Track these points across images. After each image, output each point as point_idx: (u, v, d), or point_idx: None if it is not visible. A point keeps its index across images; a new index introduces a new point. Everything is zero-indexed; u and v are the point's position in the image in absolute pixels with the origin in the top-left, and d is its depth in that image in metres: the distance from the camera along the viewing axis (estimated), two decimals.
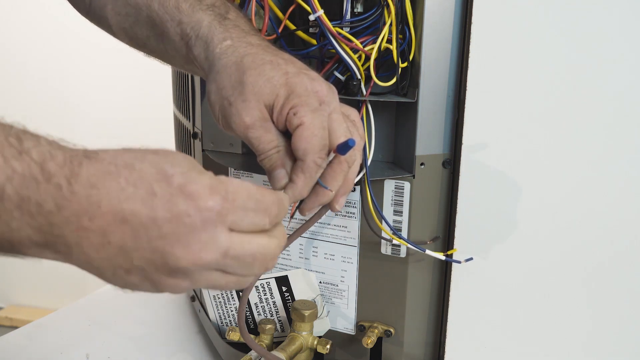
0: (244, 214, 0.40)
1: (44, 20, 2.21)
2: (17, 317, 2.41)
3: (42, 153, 0.35)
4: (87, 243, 0.36)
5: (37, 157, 0.35)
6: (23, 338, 0.84)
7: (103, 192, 0.36)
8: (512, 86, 0.59)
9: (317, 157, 0.49)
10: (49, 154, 0.35)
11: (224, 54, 0.51)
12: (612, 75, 0.57)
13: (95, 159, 0.37)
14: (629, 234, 0.60)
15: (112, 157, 0.37)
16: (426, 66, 0.59)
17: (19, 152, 0.35)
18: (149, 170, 0.37)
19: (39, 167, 0.35)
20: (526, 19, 0.57)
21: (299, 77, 0.50)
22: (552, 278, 0.63)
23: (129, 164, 0.37)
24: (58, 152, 0.36)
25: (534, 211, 0.62)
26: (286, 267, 0.71)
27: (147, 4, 0.56)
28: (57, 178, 0.35)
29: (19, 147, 0.35)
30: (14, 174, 0.34)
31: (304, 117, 0.48)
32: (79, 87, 2.28)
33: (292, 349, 0.65)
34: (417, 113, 0.60)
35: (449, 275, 0.65)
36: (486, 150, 0.61)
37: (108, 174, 0.36)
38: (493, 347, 0.66)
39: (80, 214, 0.35)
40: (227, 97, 0.50)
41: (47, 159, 0.35)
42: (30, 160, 0.35)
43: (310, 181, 0.50)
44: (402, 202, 0.63)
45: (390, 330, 0.67)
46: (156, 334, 0.86)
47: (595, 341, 0.64)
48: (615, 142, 0.58)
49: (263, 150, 0.50)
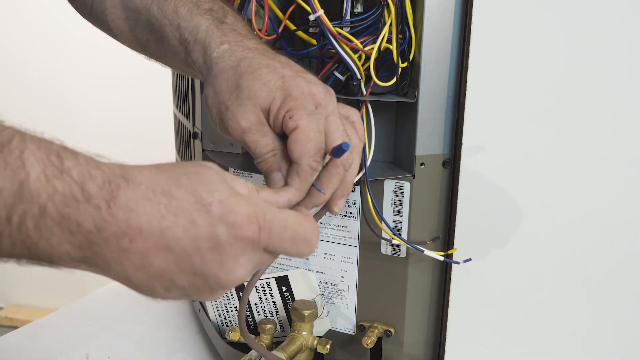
0: (279, 244, 0.43)
1: (44, 20, 2.21)
2: (17, 317, 2.41)
3: (82, 173, 0.36)
4: (128, 263, 0.38)
5: (77, 177, 0.36)
6: (23, 338, 0.84)
7: (143, 218, 0.37)
8: (512, 86, 0.59)
9: (312, 160, 0.49)
10: (88, 174, 0.36)
11: (221, 58, 0.51)
12: (612, 76, 0.57)
13: (132, 182, 0.38)
14: (629, 234, 0.60)
15: (148, 180, 0.39)
16: (426, 66, 0.59)
17: (60, 171, 0.36)
18: (187, 199, 0.39)
19: (79, 187, 0.36)
20: (526, 19, 0.57)
21: (295, 80, 0.50)
22: (552, 278, 0.63)
23: (166, 190, 0.39)
24: (97, 171, 0.37)
25: (534, 211, 0.62)
26: (286, 267, 0.71)
27: (147, 8, 0.56)
28: (97, 200, 0.36)
29: (60, 166, 0.36)
30: (55, 192, 0.35)
31: (300, 121, 0.48)
32: (79, 87, 2.29)
33: (292, 349, 0.65)
34: (417, 113, 0.60)
35: (449, 275, 0.65)
36: (486, 150, 0.61)
37: (146, 199, 0.38)
38: (493, 347, 0.66)
39: (120, 236, 0.37)
40: (224, 101, 0.50)
41: (87, 179, 0.36)
42: (70, 180, 0.36)
43: (305, 184, 0.50)
44: (402, 202, 0.63)
45: (390, 330, 0.67)
46: (156, 334, 0.86)
47: (595, 341, 0.64)
48: (616, 142, 0.58)
49: (259, 154, 0.50)
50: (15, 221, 0.35)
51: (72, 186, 0.36)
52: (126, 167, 0.39)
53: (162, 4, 0.55)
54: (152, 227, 0.38)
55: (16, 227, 0.35)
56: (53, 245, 0.36)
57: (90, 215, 0.36)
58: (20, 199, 0.34)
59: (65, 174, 0.36)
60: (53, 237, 0.36)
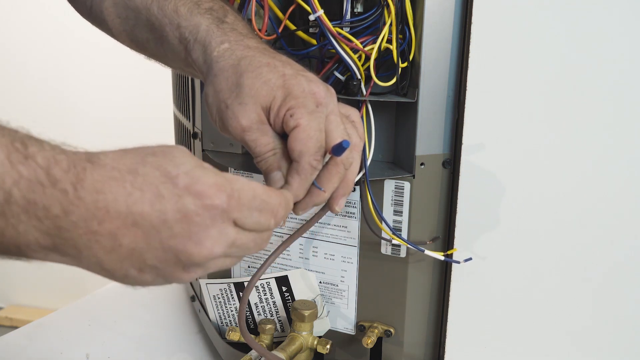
0: (249, 213, 0.42)
1: (44, 20, 2.21)
2: (17, 317, 2.41)
3: (47, 158, 0.36)
4: (98, 246, 0.37)
5: (42, 162, 0.36)
6: (23, 338, 0.84)
7: (110, 197, 0.37)
8: (512, 86, 0.59)
9: (312, 159, 0.49)
10: (53, 159, 0.36)
11: (222, 57, 0.51)
12: (612, 76, 0.57)
13: (97, 164, 0.38)
14: (630, 233, 0.60)
15: (113, 161, 0.38)
16: (426, 66, 0.59)
17: (24, 156, 0.35)
18: (152, 173, 0.38)
19: (45, 172, 0.36)
20: (526, 19, 0.57)
21: (296, 79, 0.50)
22: (552, 278, 0.63)
23: (132, 168, 0.38)
24: (62, 156, 0.37)
25: (534, 211, 0.62)
26: (286, 267, 0.71)
27: (147, 7, 0.56)
28: (63, 183, 0.36)
29: (25, 152, 0.36)
30: (20, 178, 0.35)
31: (301, 119, 0.48)
32: (78, 87, 2.28)
33: (292, 349, 0.65)
34: (417, 113, 0.60)
35: (449, 275, 0.65)
36: (486, 150, 0.61)
37: (112, 179, 0.37)
38: (493, 347, 0.66)
39: (88, 219, 0.36)
40: (224, 100, 0.50)
41: (52, 164, 0.36)
42: (35, 165, 0.35)
43: (305, 183, 0.50)
44: (402, 202, 0.63)
45: (390, 330, 0.67)
46: (156, 334, 0.86)
47: (595, 341, 0.64)
48: (616, 142, 0.59)
49: (259, 153, 0.50)
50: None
51: (37, 171, 0.35)
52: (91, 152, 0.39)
53: (162, 4, 0.55)
54: (118, 205, 0.37)
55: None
56: (20, 232, 0.36)
57: (57, 200, 0.36)
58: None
59: (30, 159, 0.35)
60: (20, 224, 0.35)
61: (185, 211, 0.39)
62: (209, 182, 0.40)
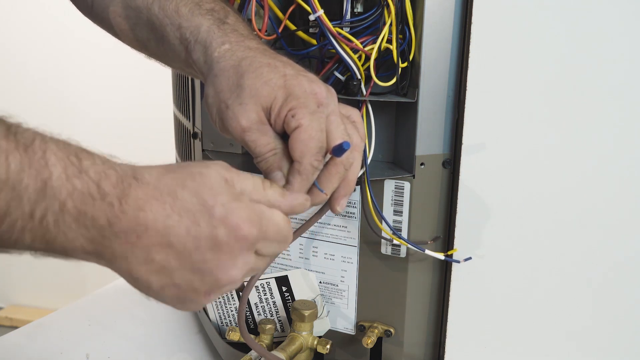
0: (270, 244, 0.45)
1: (44, 20, 2.21)
2: (17, 317, 2.41)
3: (98, 172, 0.39)
4: (132, 257, 0.41)
5: (94, 176, 0.39)
6: (23, 338, 0.84)
7: (150, 216, 0.40)
8: (512, 86, 0.59)
9: (313, 159, 0.49)
10: (104, 174, 0.39)
11: (222, 57, 0.51)
12: (612, 76, 0.57)
13: (142, 181, 0.41)
14: (630, 233, 0.60)
15: (155, 181, 0.41)
16: (426, 66, 0.59)
17: (79, 170, 0.39)
18: (190, 200, 0.41)
19: (96, 185, 0.39)
20: (526, 19, 0.57)
21: (297, 79, 0.50)
22: (552, 278, 0.63)
23: (171, 191, 0.41)
24: (111, 171, 0.40)
25: (534, 211, 0.62)
26: (286, 267, 0.71)
27: (148, 7, 0.56)
28: (110, 197, 0.39)
29: (79, 166, 0.39)
30: (74, 190, 0.38)
31: (302, 119, 0.49)
32: (78, 87, 2.29)
33: (292, 349, 0.65)
34: (417, 113, 0.60)
35: (449, 275, 0.65)
36: (486, 150, 0.61)
37: (154, 198, 0.40)
38: (493, 347, 0.66)
39: (129, 232, 0.40)
40: (225, 100, 0.50)
41: (103, 178, 0.39)
42: (88, 179, 0.39)
43: (306, 183, 0.50)
44: (402, 202, 0.63)
45: (390, 330, 0.67)
46: (156, 334, 0.86)
47: (595, 341, 0.64)
48: (616, 142, 0.59)
49: (259, 154, 0.51)
50: (38, 216, 0.37)
51: (89, 184, 0.39)
52: (136, 168, 0.42)
53: (163, 4, 0.55)
54: (157, 224, 0.40)
55: (38, 222, 0.37)
56: (69, 239, 0.39)
57: (104, 212, 0.39)
58: (44, 196, 0.37)
59: (83, 173, 0.38)
60: (70, 231, 0.38)
61: (218, 241, 0.42)
62: (243, 216, 0.42)
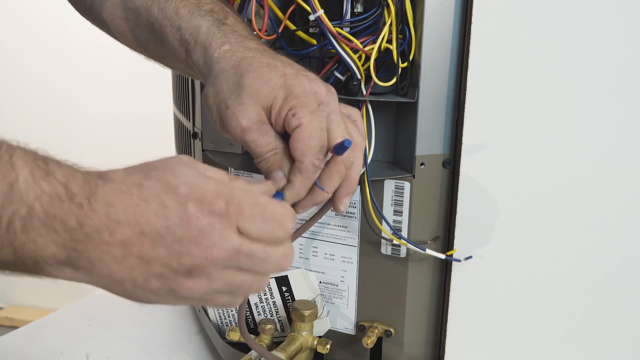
0: (251, 220, 0.42)
1: (44, 20, 2.21)
2: (17, 317, 2.41)
3: (65, 175, 0.39)
4: (109, 257, 0.40)
5: (61, 178, 0.39)
6: (23, 338, 0.84)
7: (120, 209, 0.39)
8: (512, 86, 0.59)
9: (314, 158, 0.49)
10: (71, 176, 0.39)
11: (222, 58, 0.51)
12: (613, 76, 0.57)
13: (108, 179, 0.40)
14: (630, 233, 0.60)
15: (121, 177, 0.41)
16: (426, 66, 0.59)
17: (46, 173, 0.38)
18: (155, 185, 0.41)
19: (64, 187, 0.38)
20: (526, 19, 0.57)
21: (297, 78, 0.50)
22: (552, 278, 0.63)
23: (137, 182, 0.41)
24: (77, 174, 0.40)
25: (534, 211, 0.62)
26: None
27: (147, 8, 0.56)
28: (79, 198, 0.38)
29: (46, 169, 0.38)
30: (42, 193, 0.37)
31: (303, 119, 0.49)
32: (79, 87, 2.28)
33: (292, 349, 0.65)
34: (417, 113, 0.60)
35: (449, 275, 0.65)
36: (486, 150, 0.61)
37: (121, 192, 0.40)
38: (493, 347, 0.66)
39: (101, 230, 0.39)
40: (225, 100, 0.50)
41: (70, 180, 0.39)
42: (56, 181, 0.38)
43: (307, 182, 0.50)
44: (402, 202, 0.63)
45: (390, 330, 0.67)
46: (156, 334, 0.86)
47: (595, 342, 0.64)
48: (616, 142, 0.58)
49: (260, 153, 0.51)
50: (4, 222, 0.37)
51: (57, 187, 0.38)
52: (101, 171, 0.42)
53: (162, 5, 0.55)
54: (127, 215, 0.39)
55: (4, 228, 0.37)
56: (39, 245, 0.38)
57: (74, 213, 0.38)
58: (10, 199, 0.37)
59: (50, 176, 0.38)
60: (39, 237, 0.38)
61: (187, 216, 0.40)
62: (209, 189, 0.41)
